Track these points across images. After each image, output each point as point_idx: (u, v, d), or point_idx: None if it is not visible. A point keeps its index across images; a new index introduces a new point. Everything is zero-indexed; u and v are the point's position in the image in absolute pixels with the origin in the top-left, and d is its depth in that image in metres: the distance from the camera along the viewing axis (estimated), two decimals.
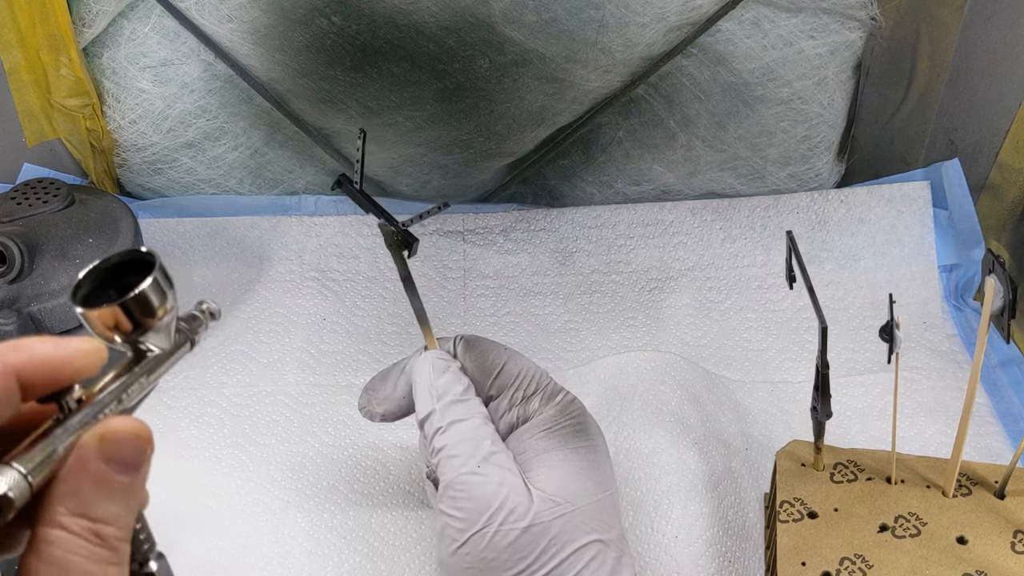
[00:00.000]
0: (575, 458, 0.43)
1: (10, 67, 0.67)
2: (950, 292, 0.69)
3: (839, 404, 0.59)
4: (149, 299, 0.29)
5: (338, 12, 0.62)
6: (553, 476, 0.42)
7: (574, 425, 0.44)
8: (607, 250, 0.73)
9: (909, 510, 0.46)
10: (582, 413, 0.45)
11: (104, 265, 0.29)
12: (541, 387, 0.46)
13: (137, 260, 0.29)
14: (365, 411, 0.49)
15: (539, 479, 0.42)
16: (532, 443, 0.44)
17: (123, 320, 0.29)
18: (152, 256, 0.29)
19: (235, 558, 0.52)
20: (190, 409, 0.61)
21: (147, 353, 0.30)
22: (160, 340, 0.30)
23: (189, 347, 0.33)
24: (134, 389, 0.29)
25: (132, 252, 0.29)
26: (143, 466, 0.28)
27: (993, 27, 0.63)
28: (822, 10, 0.65)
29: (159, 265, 0.29)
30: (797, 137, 0.71)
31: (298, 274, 0.71)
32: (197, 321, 0.34)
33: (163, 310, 0.29)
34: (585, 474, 0.43)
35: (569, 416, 0.45)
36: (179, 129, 0.72)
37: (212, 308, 0.35)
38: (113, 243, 0.60)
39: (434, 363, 0.46)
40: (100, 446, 0.26)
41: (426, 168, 0.73)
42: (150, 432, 0.28)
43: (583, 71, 0.65)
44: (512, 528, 0.40)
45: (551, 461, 0.43)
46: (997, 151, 0.65)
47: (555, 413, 0.45)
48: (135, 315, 0.29)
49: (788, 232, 0.47)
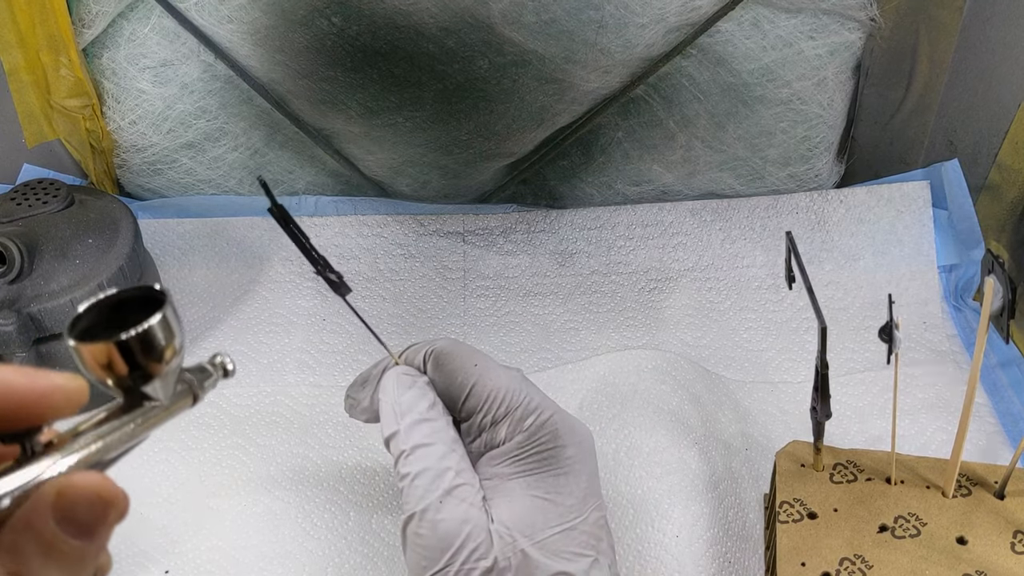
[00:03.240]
0: (540, 487, 0.41)
1: (10, 68, 0.67)
2: (949, 292, 0.69)
3: (839, 404, 0.59)
4: (153, 339, 0.25)
5: (338, 13, 0.62)
6: (514, 508, 0.41)
7: (541, 451, 0.42)
8: (607, 251, 0.73)
9: (909, 510, 0.46)
10: (553, 436, 0.43)
11: (109, 301, 0.26)
12: (511, 410, 0.43)
13: (147, 298, 0.26)
14: (350, 414, 0.48)
15: (500, 511, 0.41)
16: (497, 471, 0.42)
17: (119, 360, 0.25)
18: (163, 294, 0.26)
19: (235, 558, 0.52)
20: (190, 410, 0.61)
21: (142, 402, 0.27)
22: (159, 390, 0.27)
23: (191, 403, 0.29)
24: (115, 440, 0.26)
25: (142, 288, 0.26)
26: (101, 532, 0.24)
27: (992, 28, 0.63)
28: (822, 11, 0.65)
29: (169, 302, 0.26)
30: (797, 138, 0.71)
31: (298, 275, 0.71)
32: (206, 374, 0.30)
33: (168, 354, 0.26)
34: (550, 503, 0.41)
35: (537, 443, 0.42)
36: (179, 130, 0.72)
37: (227, 364, 0.30)
38: (113, 243, 0.60)
39: (398, 379, 0.44)
40: (55, 502, 0.23)
41: (426, 168, 0.73)
42: (117, 494, 0.24)
43: (582, 72, 0.65)
44: (473, 567, 0.39)
45: (513, 491, 0.41)
46: (996, 151, 0.65)
47: (522, 439, 0.42)
48: (135, 355, 0.25)
49: (788, 233, 0.47)
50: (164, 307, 0.25)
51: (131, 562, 0.52)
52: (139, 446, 0.27)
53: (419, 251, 0.73)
